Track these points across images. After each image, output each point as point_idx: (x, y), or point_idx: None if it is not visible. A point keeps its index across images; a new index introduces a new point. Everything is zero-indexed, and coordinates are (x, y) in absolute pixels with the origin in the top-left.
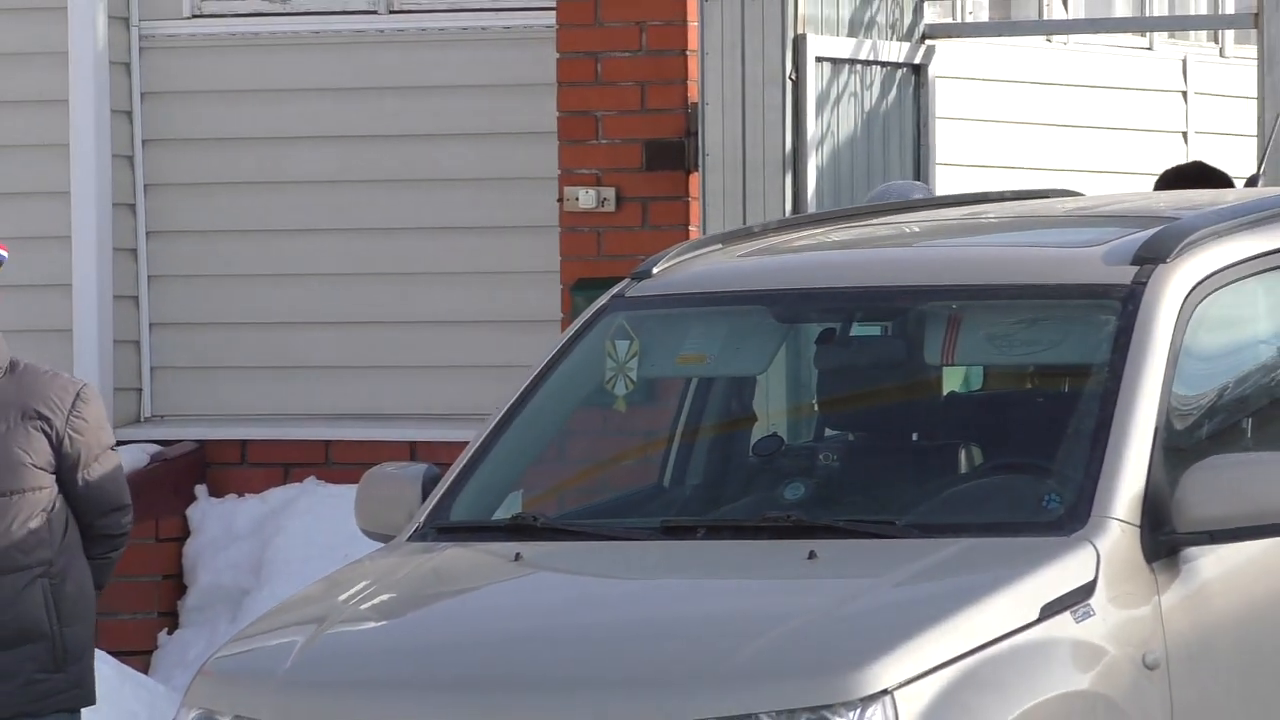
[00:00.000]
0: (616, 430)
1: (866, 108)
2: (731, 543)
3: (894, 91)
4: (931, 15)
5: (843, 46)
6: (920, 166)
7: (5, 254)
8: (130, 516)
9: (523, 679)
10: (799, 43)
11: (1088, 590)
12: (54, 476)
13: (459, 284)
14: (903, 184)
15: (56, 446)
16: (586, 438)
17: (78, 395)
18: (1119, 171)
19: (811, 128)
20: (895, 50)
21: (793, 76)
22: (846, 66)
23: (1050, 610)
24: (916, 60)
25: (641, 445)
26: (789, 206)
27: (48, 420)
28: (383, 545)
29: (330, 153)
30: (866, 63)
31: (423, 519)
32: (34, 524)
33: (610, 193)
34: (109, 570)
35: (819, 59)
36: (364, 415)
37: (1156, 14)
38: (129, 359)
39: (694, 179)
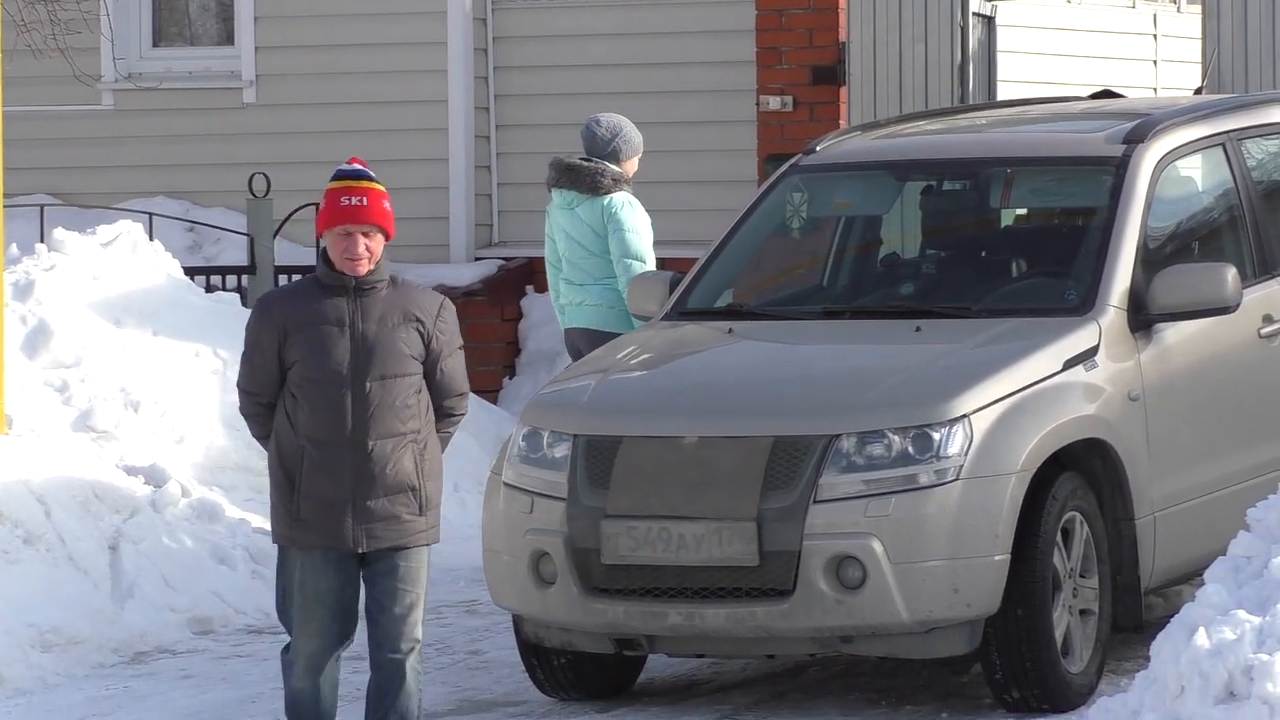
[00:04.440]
0: (793, 250)
1: (971, 46)
2: (866, 321)
3: (983, 33)
4: None
5: (975, 4)
6: (991, 84)
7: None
8: (467, 402)
9: (730, 407)
10: (965, 3)
11: (1093, 351)
12: (422, 366)
13: (694, 157)
14: (599, 116)
15: (426, 342)
16: (774, 254)
17: (441, 304)
18: (1114, 86)
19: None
20: (987, 8)
21: (962, 25)
22: (972, 17)
23: (1070, 364)
24: (990, 14)
25: (809, 259)
26: (901, 109)
27: (421, 322)
28: (644, 323)
29: (612, 74)
30: (979, 15)
31: (669, 307)
32: (410, 401)
33: (790, 99)
34: (446, 443)
35: (974, 14)
36: None
37: None
38: (485, 205)
39: (843, 91)
